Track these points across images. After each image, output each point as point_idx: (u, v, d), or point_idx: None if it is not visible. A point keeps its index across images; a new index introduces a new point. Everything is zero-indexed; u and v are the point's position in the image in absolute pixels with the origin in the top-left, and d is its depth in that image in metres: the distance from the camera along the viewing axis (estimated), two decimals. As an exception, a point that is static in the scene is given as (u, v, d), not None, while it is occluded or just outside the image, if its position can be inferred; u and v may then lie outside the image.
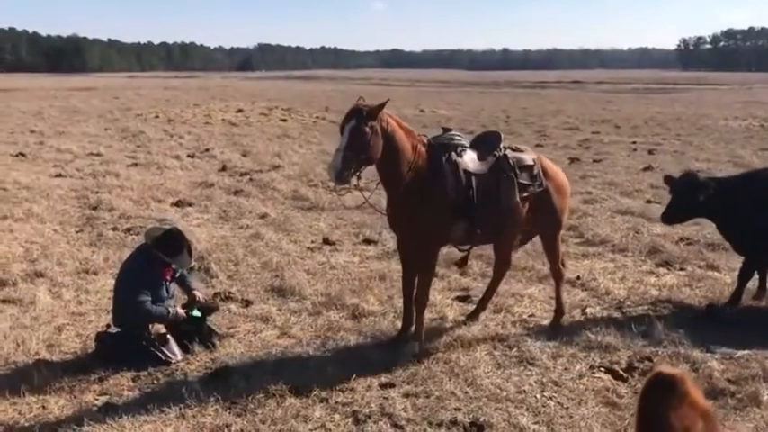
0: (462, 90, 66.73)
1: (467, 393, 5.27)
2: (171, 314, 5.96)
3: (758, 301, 7.24)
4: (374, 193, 6.26)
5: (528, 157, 6.26)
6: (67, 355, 5.97)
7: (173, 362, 5.80)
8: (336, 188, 5.80)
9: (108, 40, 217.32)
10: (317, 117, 31.87)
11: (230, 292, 7.40)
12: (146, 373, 5.62)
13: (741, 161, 17.72)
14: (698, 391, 1.48)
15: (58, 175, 14.93)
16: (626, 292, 7.58)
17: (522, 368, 5.75)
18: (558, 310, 6.70)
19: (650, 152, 19.55)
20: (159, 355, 5.80)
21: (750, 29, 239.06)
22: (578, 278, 8.00)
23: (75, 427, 4.75)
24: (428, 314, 6.46)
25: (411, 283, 6.19)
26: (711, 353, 5.99)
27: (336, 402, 5.14)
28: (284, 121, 30.04)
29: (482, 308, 6.82)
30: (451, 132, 6.17)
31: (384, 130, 5.56)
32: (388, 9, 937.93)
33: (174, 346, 5.92)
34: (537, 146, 20.38)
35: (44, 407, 5.08)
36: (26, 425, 4.84)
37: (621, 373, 5.62)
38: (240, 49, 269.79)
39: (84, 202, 12.06)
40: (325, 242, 9.57)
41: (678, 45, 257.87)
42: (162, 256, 5.98)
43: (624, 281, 7.99)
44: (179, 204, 12.01)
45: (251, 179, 14.71)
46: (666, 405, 1.45)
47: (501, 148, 6.20)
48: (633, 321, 6.68)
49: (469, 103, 43.45)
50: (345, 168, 5.43)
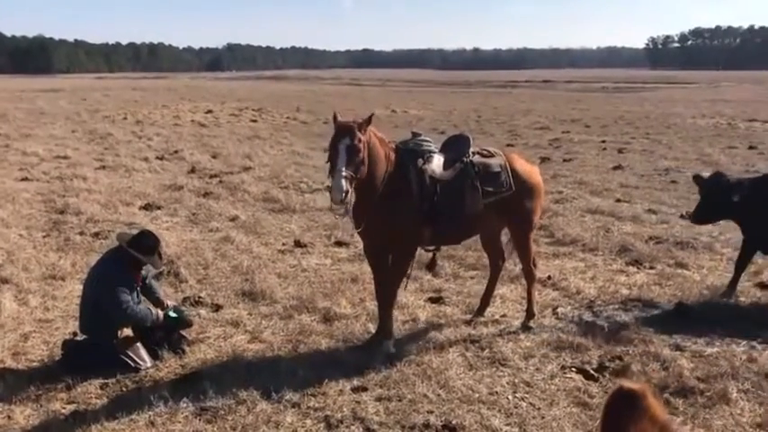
0: (434, 90, 66.91)
1: (439, 396, 5.26)
2: (154, 315, 5.90)
3: (726, 299, 7.31)
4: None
5: (495, 163, 6.25)
6: (34, 363, 5.87)
7: (142, 368, 5.72)
8: (336, 209, 5.68)
9: (75, 40, 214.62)
10: (287, 117, 31.77)
11: (200, 297, 7.32)
12: (114, 380, 5.54)
13: (709, 159, 17.98)
14: (659, 404, 1.52)
15: (24, 179, 14.68)
16: (596, 292, 7.62)
17: (495, 369, 5.76)
18: (530, 310, 6.72)
19: (620, 151, 19.73)
20: (128, 361, 5.71)
21: (717, 27, 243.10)
22: (549, 278, 8.03)
23: (42, 438, 4.67)
24: (401, 316, 6.45)
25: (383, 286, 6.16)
26: (681, 351, 6.04)
27: (308, 407, 5.10)
28: (254, 121, 29.90)
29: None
30: (420, 137, 6.15)
31: (367, 144, 5.53)
32: (358, 8, 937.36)
33: (144, 353, 5.83)
34: (508, 145, 20.52)
35: (9, 417, 4.98)
36: (-10, 436, 4.75)
37: (593, 373, 5.64)
38: (209, 49, 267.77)
39: (51, 206, 11.86)
40: (297, 244, 9.51)
41: (647, 44, 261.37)
42: (138, 255, 5.86)
43: (595, 280, 8.04)
44: (147, 207, 11.86)
45: (221, 181, 14.58)
46: (627, 419, 1.49)
47: (470, 153, 6.20)
48: (604, 321, 6.75)
49: (441, 103, 43.56)
50: (348, 188, 5.36)
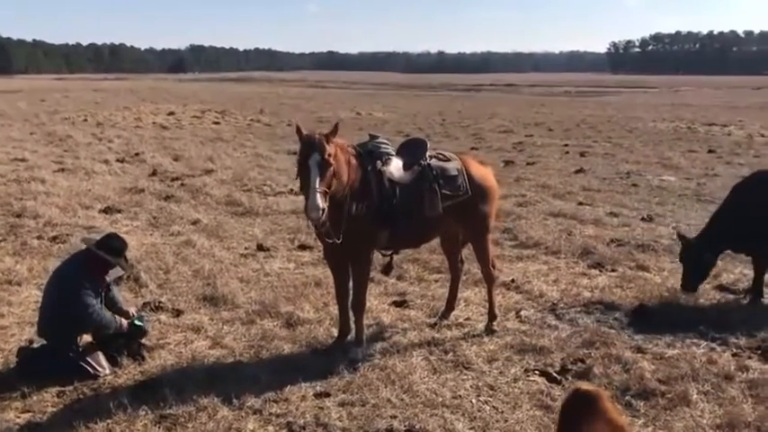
0: (398, 93, 67.09)
1: (402, 400, 5.23)
2: (117, 322, 5.80)
3: (687, 300, 7.41)
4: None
5: (452, 167, 6.25)
6: (-13, 371, 5.71)
7: (101, 375, 5.60)
8: (315, 226, 5.61)
9: (33, 40, 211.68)
10: (251, 120, 31.58)
11: (160, 302, 7.19)
12: (71, 387, 5.41)
13: (669, 162, 18.27)
14: (614, 407, 1.57)
15: (-20, 182, 14.33)
16: (559, 294, 7.66)
17: (458, 373, 5.75)
18: (491, 312, 6.72)
19: (582, 154, 19.94)
20: (87, 368, 5.59)
21: (677, 33, 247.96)
22: (513, 281, 8.06)
23: (-5, 448, 4.55)
24: (365, 320, 6.39)
25: (344, 290, 6.15)
26: (642, 353, 6.10)
27: (270, 414, 5.04)
28: (217, 123, 29.66)
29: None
30: (378, 140, 6.14)
31: (333, 155, 5.48)
32: (322, 11, 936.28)
33: (102, 359, 5.72)
34: (472, 148, 20.60)
35: (-39, 427, 4.84)
36: (-59, 447, 4.61)
37: (555, 375, 5.66)
38: (172, 50, 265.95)
39: (8, 210, 11.60)
40: (260, 248, 9.42)
41: (608, 49, 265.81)
42: (106, 256, 5.76)
43: (557, 283, 8.08)
44: (107, 211, 11.65)
45: (182, 184, 14.40)
46: (583, 420, 1.52)
47: (427, 156, 6.20)
48: (566, 323, 6.78)
49: (405, 106, 43.67)
50: (324, 204, 5.27)
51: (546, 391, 5.41)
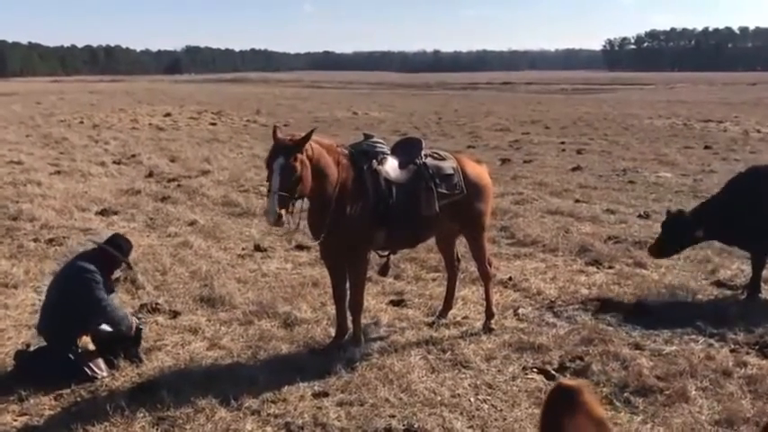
0: (394, 92, 67.06)
1: (401, 399, 5.22)
2: (129, 321, 5.81)
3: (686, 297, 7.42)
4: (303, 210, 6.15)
5: (448, 166, 6.25)
6: (-16, 375, 5.69)
7: (98, 378, 5.58)
8: (274, 229, 5.71)
9: (29, 43, 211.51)
10: (247, 120, 31.52)
11: (157, 304, 7.17)
12: (68, 390, 5.39)
13: (666, 158, 18.28)
14: (596, 401, 1.64)
15: (-24, 185, 14.29)
16: (557, 292, 7.66)
17: (456, 371, 5.74)
18: (489, 310, 6.71)
19: (579, 152, 19.94)
20: (86, 370, 5.57)
21: (672, 30, 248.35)
22: (510, 279, 8.06)
23: (-8, 452, 4.53)
24: (362, 319, 6.39)
25: (341, 290, 6.15)
26: (641, 350, 6.09)
27: (269, 414, 5.03)
28: (214, 124, 29.60)
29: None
30: (373, 139, 6.16)
31: (311, 159, 5.48)
32: (318, 12, 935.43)
33: (100, 362, 5.70)
34: (469, 147, 20.58)
35: (-42, 431, 4.82)
36: (-62, 451, 4.59)
37: (554, 373, 5.67)
38: (168, 51, 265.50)
39: (4, 213, 11.55)
40: (257, 249, 9.40)
41: (604, 46, 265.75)
42: (117, 253, 5.83)
43: (555, 280, 8.08)
44: (104, 213, 11.63)
45: (179, 185, 14.37)
46: (564, 414, 1.60)
47: (422, 155, 6.20)
48: (564, 321, 6.77)
49: (402, 105, 43.64)
50: (283, 209, 5.34)
51: (544, 389, 5.39)
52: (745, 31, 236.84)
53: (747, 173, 7.75)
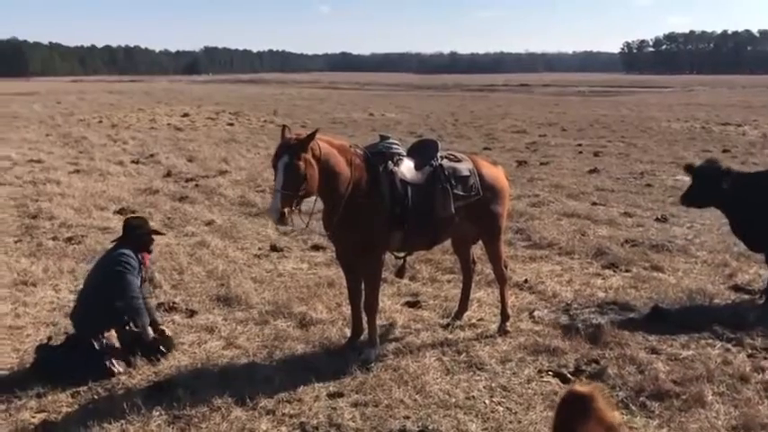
0: (411, 93, 67.00)
1: (416, 401, 5.22)
2: (145, 319, 5.91)
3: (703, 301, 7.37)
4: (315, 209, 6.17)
5: (464, 167, 6.24)
6: (3, 372, 5.75)
7: (115, 374, 5.62)
8: (279, 228, 5.74)
9: (50, 43, 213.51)
10: (264, 121, 31.62)
11: (174, 302, 7.23)
12: (86, 388, 5.44)
13: (683, 162, 18.03)
14: (608, 407, 1.64)
15: (-4, 183, 14.46)
16: (573, 295, 7.63)
17: (471, 373, 5.73)
18: (504, 313, 6.69)
19: (596, 154, 19.84)
20: (106, 364, 5.61)
21: (691, 32, 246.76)
22: (526, 281, 8.04)
23: (10, 448, 4.58)
24: (377, 320, 6.40)
25: (357, 290, 6.15)
26: (657, 354, 6.05)
27: (283, 414, 5.04)
28: (231, 125, 29.72)
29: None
30: (389, 140, 6.15)
31: (318, 159, 5.49)
32: (334, 13, 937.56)
33: (120, 359, 5.75)
34: (485, 149, 20.55)
35: (-23, 427, 4.88)
36: (-43, 447, 4.65)
37: (569, 376, 5.63)
38: (186, 52, 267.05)
39: (24, 211, 11.70)
40: (273, 249, 9.43)
41: (622, 48, 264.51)
42: (143, 232, 6.14)
43: (571, 283, 8.05)
44: (122, 212, 11.70)
45: (197, 185, 14.47)
46: (576, 419, 1.61)
47: (438, 157, 6.19)
48: (580, 324, 6.72)
49: (418, 107, 43.60)
50: (286, 207, 5.38)
51: (559, 392, 5.35)
52: (765, 33, 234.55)
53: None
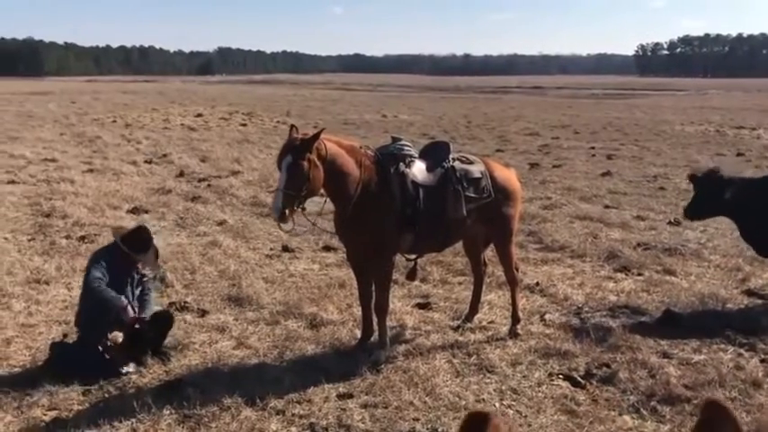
0: (424, 95, 66.95)
1: (425, 403, 5.22)
2: (122, 303, 5.67)
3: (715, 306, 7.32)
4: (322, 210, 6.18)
5: (476, 169, 6.22)
6: (16, 369, 5.80)
7: (124, 373, 5.65)
8: (282, 227, 5.74)
9: (65, 43, 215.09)
10: (277, 122, 31.65)
11: (186, 302, 7.25)
12: (96, 386, 5.47)
13: (696, 166, 18.00)
14: (508, 428, 1.58)
15: (11, 182, 14.53)
16: (584, 298, 7.60)
17: (481, 376, 5.72)
18: (515, 315, 6.67)
19: (609, 157, 19.75)
20: (114, 364, 5.63)
21: (706, 35, 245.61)
22: (537, 284, 8.01)
23: (22, 445, 4.60)
24: (388, 322, 6.40)
25: (367, 292, 6.15)
26: (669, 358, 6.02)
27: (293, 414, 5.05)
28: (244, 125, 29.78)
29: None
30: (401, 142, 6.14)
31: (323, 159, 5.49)
32: (347, 14, 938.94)
33: (128, 358, 5.77)
34: (497, 151, 20.51)
35: (-11, 424, 4.91)
36: (-31, 443, 4.68)
37: (580, 380, 5.61)
38: (200, 52, 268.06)
39: (37, 210, 11.77)
40: (285, 249, 9.45)
41: (636, 51, 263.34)
42: (126, 249, 5.81)
43: (582, 286, 8.02)
44: (135, 211, 11.77)
45: (209, 185, 14.52)
46: None
47: (450, 159, 6.18)
48: (591, 327, 6.68)
49: (431, 108, 43.55)
50: (288, 207, 5.40)
51: (570, 396, 5.36)
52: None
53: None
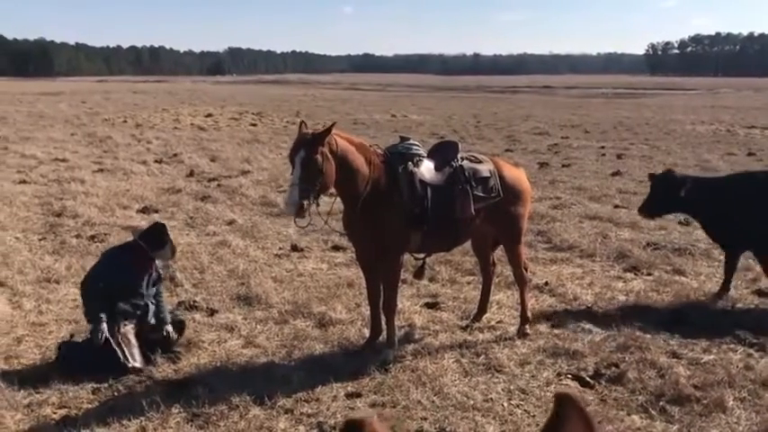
0: (433, 95, 66.87)
1: (433, 402, 5.22)
2: (99, 327, 5.73)
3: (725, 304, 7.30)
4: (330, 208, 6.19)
5: (484, 169, 6.21)
6: (26, 367, 5.83)
7: (129, 365, 5.67)
8: (296, 222, 5.74)
9: (76, 43, 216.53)
10: (287, 122, 31.67)
11: (195, 301, 7.28)
12: (106, 385, 5.49)
13: (708, 165, 17.93)
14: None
15: (22, 182, 14.61)
16: (594, 298, 7.58)
17: (490, 376, 5.71)
18: (524, 315, 6.65)
19: (619, 157, 19.67)
20: (121, 356, 5.65)
21: (717, 34, 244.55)
22: (546, 284, 7.99)
23: (32, 443, 4.63)
24: (396, 321, 6.41)
25: (376, 291, 6.15)
26: (678, 358, 6.00)
27: (301, 413, 5.06)
28: (254, 125, 29.83)
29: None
30: (409, 141, 6.14)
31: (334, 154, 5.50)
32: (357, 14, 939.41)
33: (136, 352, 5.79)
34: (507, 150, 20.47)
35: (0, 422, 4.93)
36: (-20, 441, 4.71)
37: (588, 380, 5.60)
38: (210, 53, 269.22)
39: (48, 209, 11.84)
40: (294, 249, 9.46)
41: (647, 50, 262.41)
42: (145, 246, 6.05)
43: (592, 286, 8.00)
44: (145, 211, 11.83)
45: (219, 185, 14.55)
46: None
47: (458, 158, 6.17)
48: (600, 327, 6.67)
49: (440, 108, 43.50)
50: (303, 200, 5.39)
51: (579, 396, 5.34)
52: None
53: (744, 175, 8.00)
